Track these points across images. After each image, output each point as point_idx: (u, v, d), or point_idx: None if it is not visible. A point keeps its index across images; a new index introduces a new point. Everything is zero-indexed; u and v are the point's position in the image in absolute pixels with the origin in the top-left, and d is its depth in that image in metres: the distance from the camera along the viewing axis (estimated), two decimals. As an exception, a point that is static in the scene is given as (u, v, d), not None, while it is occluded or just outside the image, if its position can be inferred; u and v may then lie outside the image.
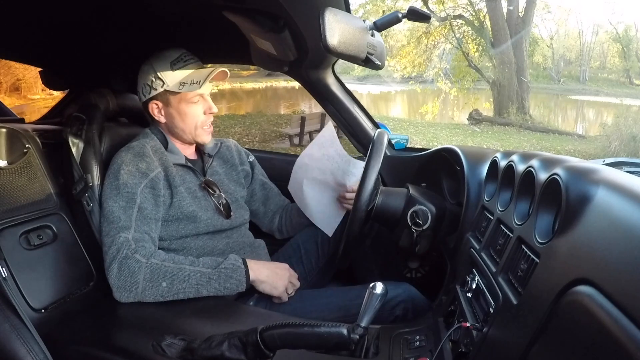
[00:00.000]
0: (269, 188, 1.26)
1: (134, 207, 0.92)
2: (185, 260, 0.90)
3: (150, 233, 0.92)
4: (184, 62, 1.00)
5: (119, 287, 0.84)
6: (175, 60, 1.00)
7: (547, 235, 0.55)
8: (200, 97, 1.02)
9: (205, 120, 1.05)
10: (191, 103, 1.01)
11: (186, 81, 0.99)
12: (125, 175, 0.93)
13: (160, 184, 0.97)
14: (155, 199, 0.95)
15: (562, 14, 13.38)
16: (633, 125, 7.61)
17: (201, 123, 1.04)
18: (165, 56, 1.00)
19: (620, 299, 0.36)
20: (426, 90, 12.02)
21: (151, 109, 1.03)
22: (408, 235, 1.00)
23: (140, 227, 0.91)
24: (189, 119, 1.02)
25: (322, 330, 0.61)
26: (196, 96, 1.01)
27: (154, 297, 0.86)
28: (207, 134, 1.07)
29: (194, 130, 1.04)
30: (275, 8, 0.78)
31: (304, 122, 6.95)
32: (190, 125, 1.03)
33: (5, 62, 6.56)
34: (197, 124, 1.03)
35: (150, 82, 1.00)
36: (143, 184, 0.94)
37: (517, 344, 0.50)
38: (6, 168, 0.88)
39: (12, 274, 0.80)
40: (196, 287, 0.87)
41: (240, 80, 13.42)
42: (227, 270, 0.90)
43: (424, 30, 10.53)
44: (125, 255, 0.85)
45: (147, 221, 0.92)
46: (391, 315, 0.95)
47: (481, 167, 0.98)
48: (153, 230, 0.93)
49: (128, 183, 0.93)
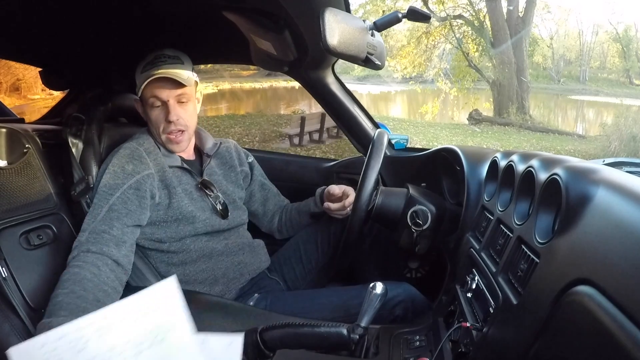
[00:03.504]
0: (268, 189, 1.26)
1: (104, 206, 0.90)
2: (59, 289, 0.77)
3: (112, 231, 0.88)
4: (152, 65, 0.98)
5: None
6: (148, 62, 0.99)
7: (547, 235, 0.55)
8: (160, 101, 0.99)
9: (166, 127, 1.00)
10: (151, 107, 1.00)
11: (140, 84, 0.98)
12: (108, 176, 0.94)
13: (148, 186, 0.96)
14: (139, 200, 0.94)
15: (562, 14, 13.36)
16: (633, 125, 7.61)
17: (162, 130, 1.01)
18: (145, 58, 1.01)
19: (620, 299, 0.36)
20: (426, 90, 12.01)
21: (137, 108, 1.06)
22: (408, 235, 1.00)
23: (98, 227, 0.88)
24: (152, 123, 1.03)
25: (322, 330, 0.61)
26: (152, 99, 0.99)
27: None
28: (174, 143, 1.03)
29: (161, 135, 1.02)
30: (275, 8, 0.78)
31: (304, 122, 6.96)
32: (157, 129, 1.02)
33: (5, 62, 6.56)
34: (159, 130, 1.02)
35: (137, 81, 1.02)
36: (126, 185, 0.93)
37: (517, 344, 0.50)
38: (6, 168, 0.88)
39: (12, 274, 0.80)
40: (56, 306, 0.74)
41: (240, 80, 13.41)
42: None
43: (424, 30, 10.52)
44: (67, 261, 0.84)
45: (113, 220, 0.89)
46: (391, 315, 0.95)
47: (481, 167, 0.98)
48: (117, 228, 0.89)
49: (107, 183, 0.93)
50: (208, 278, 1.02)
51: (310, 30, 0.86)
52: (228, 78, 12.44)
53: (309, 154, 6.49)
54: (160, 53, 1.00)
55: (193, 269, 1.01)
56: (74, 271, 0.80)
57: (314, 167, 1.57)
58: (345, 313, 0.94)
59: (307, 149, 7.07)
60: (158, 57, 0.99)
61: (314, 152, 6.91)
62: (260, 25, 0.85)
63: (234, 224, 1.10)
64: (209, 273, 1.03)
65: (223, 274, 1.04)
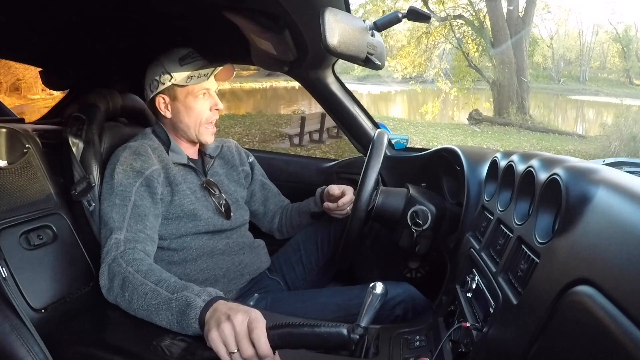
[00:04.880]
0: (268, 188, 1.26)
1: (128, 205, 0.91)
2: (155, 276, 0.79)
3: (146, 230, 0.91)
4: (192, 59, 1.02)
5: (104, 286, 0.84)
6: (184, 57, 1.02)
7: (547, 235, 0.55)
8: (207, 92, 1.04)
9: (211, 117, 1.05)
10: (197, 97, 1.02)
11: (194, 75, 1.01)
12: (120, 175, 0.94)
13: (157, 182, 0.96)
14: (151, 196, 0.95)
15: (562, 14, 13.37)
16: (633, 125, 7.61)
17: (206, 119, 1.04)
18: (174, 53, 1.02)
19: (620, 299, 0.36)
20: (426, 90, 12.02)
21: (158, 104, 1.04)
22: (408, 235, 1.00)
23: (134, 226, 0.89)
24: (194, 114, 1.03)
25: (322, 330, 0.61)
26: (202, 90, 1.02)
27: (125, 307, 0.80)
28: (209, 133, 1.06)
29: (198, 127, 1.04)
30: (275, 8, 0.78)
31: (304, 122, 6.96)
32: (196, 121, 1.03)
33: (5, 62, 6.55)
34: (202, 120, 1.04)
35: (159, 77, 1.02)
36: (138, 182, 0.94)
37: (517, 344, 0.50)
38: (6, 168, 0.88)
39: (12, 274, 0.80)
40: (147, 310, 0.75)
41: (240, 80, 13.41)
42: (180, 302, 0.72)
43: (424, 30, 10.52)
44: (113, 258, 0.84)
45: (142, 218, 0.91)
46: (391, 315, 0.95)
47: (481, 167, 0.98)
48: (149, 227, 0.92)
49: (122, 182, 0.93)
50: (209, 277, 1.02)
51: (310, 30, 0.86)
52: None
53: (309, 154, 6.49)
54: (190, 50, 1.04)
55: (193, 267, 1.01)
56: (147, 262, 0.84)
57: (314, 167, 1.57)
58: (346, 313, 0.94)
59: (307, 149, 7.07)
60: (192, 52, 1.04)
61: (314, 152, 6.91)
62: (260, 25, 0.84)
63: (236, 223, 1.10)
64: (210, 272, 1.03)
65: (224, 274, 1.04)
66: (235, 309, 0.65)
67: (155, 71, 1.03)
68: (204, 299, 0.71)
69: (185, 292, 0.73)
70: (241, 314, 0.64)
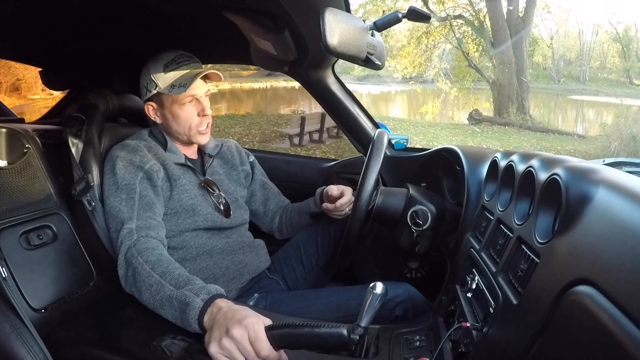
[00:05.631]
0: (268, 188, 1.26)
1: (135, 197, 0.92)
2: (162, 267, 0.80)
3: (155, 217, 0.92)
4: (177, 64, 1.00)
5: (122, 277, 0.84)
6: (169, 62, 1.00)
7: (547, 235, 0.55)
8: (194, 98, 1.01)
9: (200, 122, 1.03)
10: (184, 105, 1.01)
11: (175, 83, 0.98)
12: (122, 170, 0.94)
13: (156, 176, 0.97)
14: (154, 189, 0.96)
15: (562, 14, 13.38)
16: (633, 125, 7.61)
17: (195, 125, 1.03)
18: (160, 58, 1.01)
19: (620, 299, 0.36)
20: (426, 90, 12.02)
21: (147, 110, 1.04)
22: (408, 235, 1.00)
23: (143, 214, 0.91)
24: (181, 121, 1.02)
25: (322, 331, 0.61)
26: (187, 97, 1.00)
27: (138, 297, 0.81)
28: (202, 135, 1.05)
29: (188, 132, 1.03)
30: (275, 8, 0.78)
31: (304, 122, 6.96)
32: (184, 127, 1.03)
33: (5, 62, 6.56)
34: (190, 125, 1.02)
35: (147, 84, 1.02)
36: (140, 175, 0.95)
37: (517, 344, 0.50)
38: (6, 168, 0.88)
39: (12, 274, 0.80)
40: (153, 304, 0.77)
41: (240, 80, 13.42)
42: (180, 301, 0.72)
43: (424, 30, 10.52)
44: (127, 248, 0.85)
45: (150, 207, 0.92)
46: (391, 315, 0.95)
47: (481, 167, 0.98)
48: (157, 214, 0.93)
49: (125, 176, 0.94)
50: (208, 277, 1.02)
51: (310, 30, 0.86)
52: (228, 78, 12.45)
53: (309, 154, 6.49)
54: (178, 53, 1.01)
55: (193, 266, 1.01)
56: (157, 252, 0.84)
57: (314, 167, 1.57)
58: (346, 313, 0.94)
59: (307, 149, 7.07)
60: (179, 57, 1.01)
61: (314, 152, 6.91)
62: (260, 25, 0.85)
63: (236, 222, 1.10)
64: (209, 271, 1.03)
65: (223, 273, 1.04)
66: (231, 318, 0.65)
67: (144, 77, 1.02)
68: (202, 298, 0.71)
69: (185, 289, 0.74)
70: (239, 329, 0.63)
